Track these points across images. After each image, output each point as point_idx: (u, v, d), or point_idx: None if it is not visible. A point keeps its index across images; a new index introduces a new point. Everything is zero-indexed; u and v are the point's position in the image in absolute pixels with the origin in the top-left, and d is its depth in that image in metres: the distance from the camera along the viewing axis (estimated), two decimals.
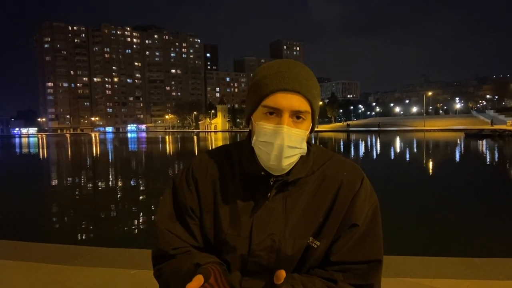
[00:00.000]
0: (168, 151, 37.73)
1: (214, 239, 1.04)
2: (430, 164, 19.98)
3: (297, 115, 0.94)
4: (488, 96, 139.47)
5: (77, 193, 13.45)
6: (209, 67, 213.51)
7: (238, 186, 1.04)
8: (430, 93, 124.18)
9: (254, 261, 1.00)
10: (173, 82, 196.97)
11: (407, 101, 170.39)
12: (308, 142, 1.03)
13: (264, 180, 1.01)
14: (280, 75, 0.93)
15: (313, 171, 1.04)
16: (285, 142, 0.92)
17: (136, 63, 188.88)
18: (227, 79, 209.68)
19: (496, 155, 24.47)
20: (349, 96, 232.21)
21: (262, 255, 1.00)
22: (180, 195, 1.06)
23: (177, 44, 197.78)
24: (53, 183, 16.36)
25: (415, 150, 30.59)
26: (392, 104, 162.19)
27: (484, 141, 36.01)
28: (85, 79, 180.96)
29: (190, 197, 1.05)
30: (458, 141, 37.84)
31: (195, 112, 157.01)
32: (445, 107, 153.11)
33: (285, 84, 0.91)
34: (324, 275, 0.99)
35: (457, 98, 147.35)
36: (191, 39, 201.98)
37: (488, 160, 22.03)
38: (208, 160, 1.09)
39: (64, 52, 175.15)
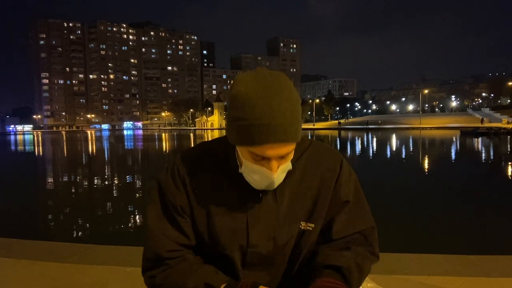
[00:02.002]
0: (165, 148, 37.66)
1: (209, 236, 1.05)
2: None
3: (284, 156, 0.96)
4: (484, 94, 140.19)
5: (73, 190, 13.41)
6: (205, 65, 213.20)
7: (227, 180, 1.05)
8: (426, 91, 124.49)
9: (253, 252, 1.03)
10: (169, 79, 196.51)
11: (404, 99, 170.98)
12: None
13: None
14: (266, 129, 0.89)
15: (296, 158, 1.06)
16: (275, 182, 0.97)
17: (132, 60, 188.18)
18: (224, 76, 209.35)
19: (491, 153, 24.59)
20: (346, 93, 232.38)
21: (260, 244, 1.02)
22: (168, 195, 1.05)
23: (173, 41, 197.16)
24: (49, 181, 16.30)
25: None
26: (388, 102, 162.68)
27: (479, 139, 36.17)
28: (81, 76, 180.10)
29: (179, 196, 1.04)
30: (454, 139, 37.97)
31: (191, 110, 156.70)
32: (441, 105, 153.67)
33: (272, 139, 0.90)
34: (333, 248, 1.05)
35: (453, 96, 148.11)
36: (187, 36, 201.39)
37: (483, 157, 22.15)
38: (193, 157, 1.09)
39: (60, 49, 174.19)
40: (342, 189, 1.07)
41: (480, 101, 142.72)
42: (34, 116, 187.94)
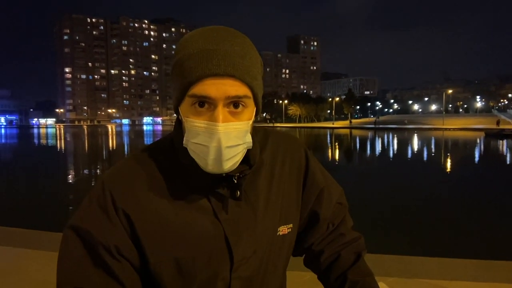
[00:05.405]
0: None
1: (172, 270, 0.76)
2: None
3: (234, 102, 0.71)
4: (510, 95, 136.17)
5: (93, 183, 13.66)
6: None
7: (183, 185, 0.78)
8: (450, 91, 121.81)
9: (238, 277, 0.80)
10: None
11: (426, 99, 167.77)
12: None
13: (220, 178, 0.77)
14: (206, 54, 0.68)
15: (260, 151, 0.86)
16: (223, 143, 0.70)
17: (153, 56, 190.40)
18: None
19: None
20: (367, 92, 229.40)
21: (245, 264, 0.80)
22: (95, 234, 0.73)
23: None
24: (72, 174, 16.67)
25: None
26: (410, 102, 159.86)
27: (504, 141, 35.14)
28: (103, 71, 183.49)
29: (115, 232, 0.73)
30: (478, 141, 37.02)
31: None
32: (466, 106, 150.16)
33: (215, 68, 0.67)
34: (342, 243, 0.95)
35: (478, 97, 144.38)
36: None
37: (510, 161, 21.51)
38: (130, 167, 0.79)
39: (83, 44, 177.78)
40: (316, 177, 0.95)
41: (506, 102, 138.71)
42: (57, 110, 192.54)
